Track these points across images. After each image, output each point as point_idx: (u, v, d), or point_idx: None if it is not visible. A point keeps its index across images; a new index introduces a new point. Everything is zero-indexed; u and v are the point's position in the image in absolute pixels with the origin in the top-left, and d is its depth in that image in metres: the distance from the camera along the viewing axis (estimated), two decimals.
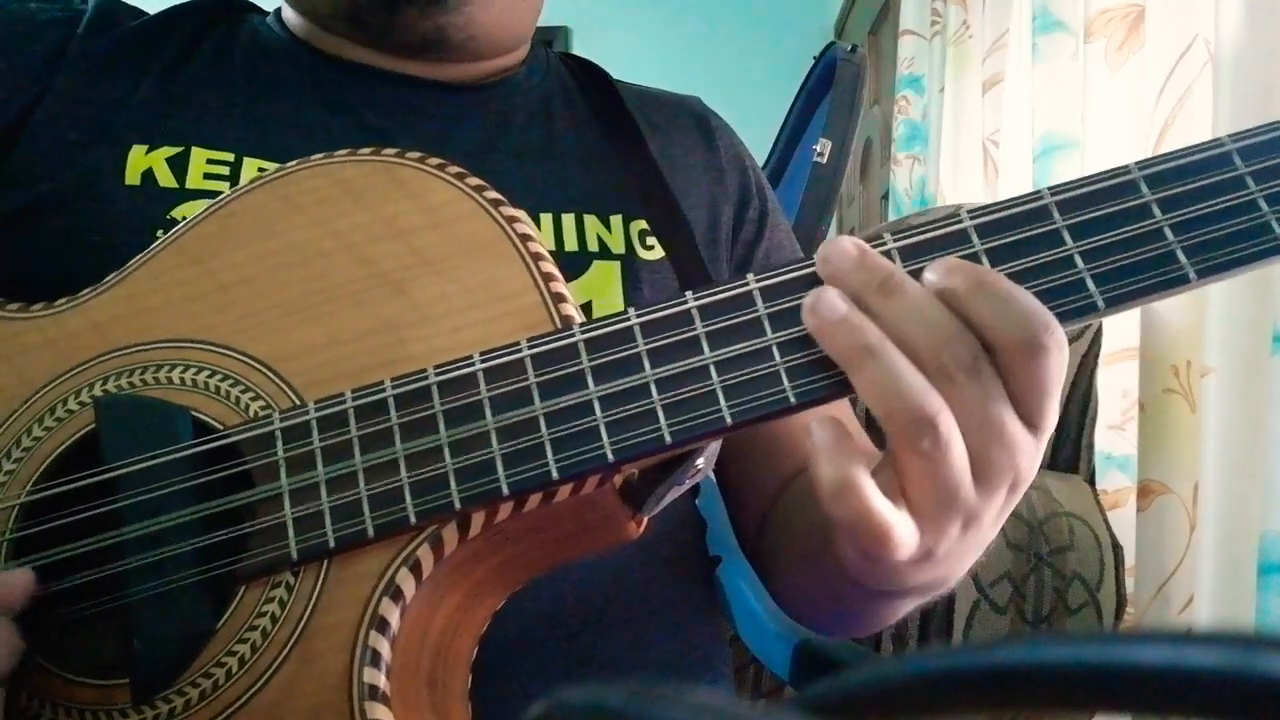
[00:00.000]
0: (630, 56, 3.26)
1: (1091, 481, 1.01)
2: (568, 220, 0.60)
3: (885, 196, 2.28)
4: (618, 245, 0.61)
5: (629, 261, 0.61)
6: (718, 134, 0.73)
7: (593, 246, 0.60)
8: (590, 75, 0.72)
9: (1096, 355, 1.04)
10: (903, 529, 0.37)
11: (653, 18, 3.23)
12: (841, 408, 0.67)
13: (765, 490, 0.64)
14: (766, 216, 0.71)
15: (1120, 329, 1.08)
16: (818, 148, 1.45)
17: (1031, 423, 0.38)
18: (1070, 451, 1.02)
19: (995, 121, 1.61)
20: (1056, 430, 1.01)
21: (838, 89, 1.48)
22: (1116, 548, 0.90)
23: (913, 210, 1.95)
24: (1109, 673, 0.14)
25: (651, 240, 0.63)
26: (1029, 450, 0.38)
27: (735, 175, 0.71)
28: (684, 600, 0.61)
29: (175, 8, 0.65)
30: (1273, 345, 0.82)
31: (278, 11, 0.69)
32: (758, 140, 1.85)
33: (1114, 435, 1.09)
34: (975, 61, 1.73)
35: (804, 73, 1.64)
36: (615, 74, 0.74)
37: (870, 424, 0.99)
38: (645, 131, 0.67)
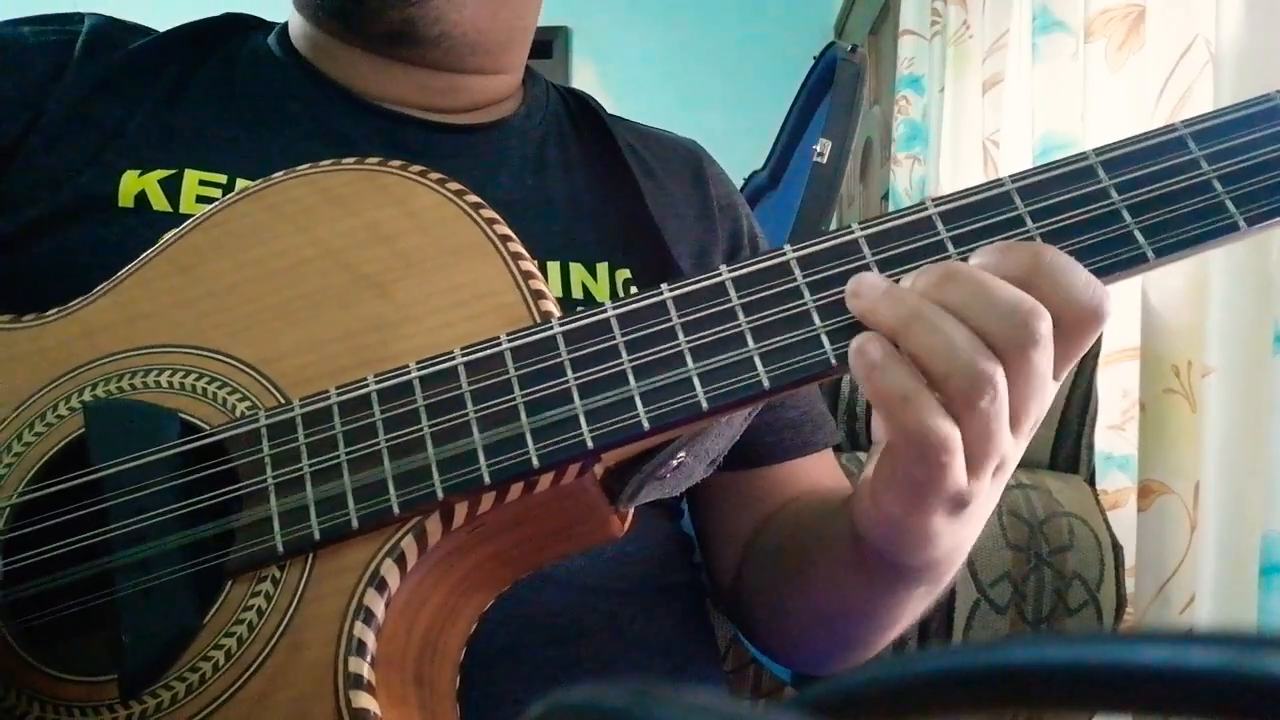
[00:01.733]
0: (630, 56, 3.28)
1: (1091, 481, 1.01)
2: (553, 268, 0.61)
3: (885, 196, 2.28)
4: (602, 294, 0.61)
5: None
6: (711, 182, 0.73)
7: (577, 294, 0.61)
8: (587, 115, 0.72)
9: (1096, 355, 1.04)
10: (958, 443, 0.39)
11: (653, 18, 3.23)
12: (826, 457, 0.68)
13: (739, 536, 0.66)
14: None
15: (1120, 329, 1.08)
16: (818, 148, 1.45)
17: (1057, 376, 0.40)
18: (1070, 451, 1.01)
19: (995, 121, 1.61)
20: (1056, 430, 1.01)
21: (838, 89, 1.48)
22: (1116, 548, 0.90)
23: None
24: (1110, 673, 0.14)
25: (637, 289, 0.63)
26: (1051, 396, 0.41)
27: (727, 223, 0.71)
28: (670, 610, 0.62)
29: (175, 30, 0.65)
30: (1274, 345, 0.82)
31: (283, 28, 0.68)
32: (758, 140, 1.85)
33: (1114, 435, 1.09)
34: (975, 61, 1.73)
35: (804, 73, 1.64)
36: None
37: (852, 420, 0.98)
38: (639, 177, 0.67)
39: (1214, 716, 0.13)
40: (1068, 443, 1.01)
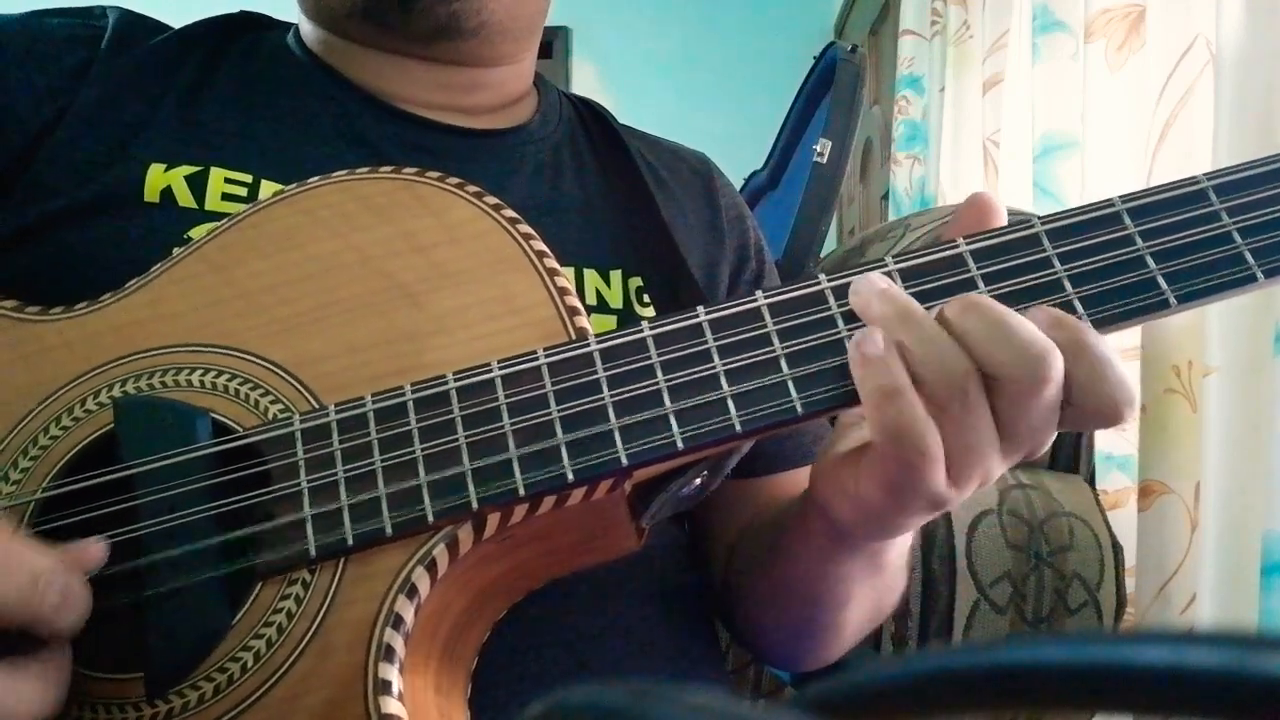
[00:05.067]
0: (630, 56, 3.28)
1: (1091, 481, 1.00)
2: (566, 274, 0.61)
3: (885, 196, 2.28)
4: (616, 300, 0.62)
5: (626, 317, 0.62)
6: (720, 194, 0.74)
7: (591, 300, 0.61)
8: (599, 124, 0.73)
9: None
10: (937, 447, 0.40)
11: (653, 18, 3.23)
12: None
13: (726, 538, 0.66)
14: (762, 279, 0.73)
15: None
16: (818, 148, 1.45)
17: (1013, 444, 0.41)
18: (1070, 451, 1.01)
19: (995, 121, 1.61)
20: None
21: (838, 89, 1.49)
22: (1117, 548, 0.90)
23: (912, 210, 1.95)
24: (1109, 673, 0.14)
25: (649, 297, 0.64)
26: (999, 465, 0.41)
27: (735, 236, 0.72)
28: (676, 613, 0.62)
29: (193, 27, 0.65)
30: (1274, 345, 0.82)
31: (298, 29, 0.68)
32: (758, 140, 1.85)
33: (1114, 435, 1.09)
34: (975, 61, 1.73)
35: (804, 73, 1.64)
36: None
37: None
38: (652, 186, 0.68)
39: (1214, 716, 0.13)
40: (1068, 443, 1.01)
